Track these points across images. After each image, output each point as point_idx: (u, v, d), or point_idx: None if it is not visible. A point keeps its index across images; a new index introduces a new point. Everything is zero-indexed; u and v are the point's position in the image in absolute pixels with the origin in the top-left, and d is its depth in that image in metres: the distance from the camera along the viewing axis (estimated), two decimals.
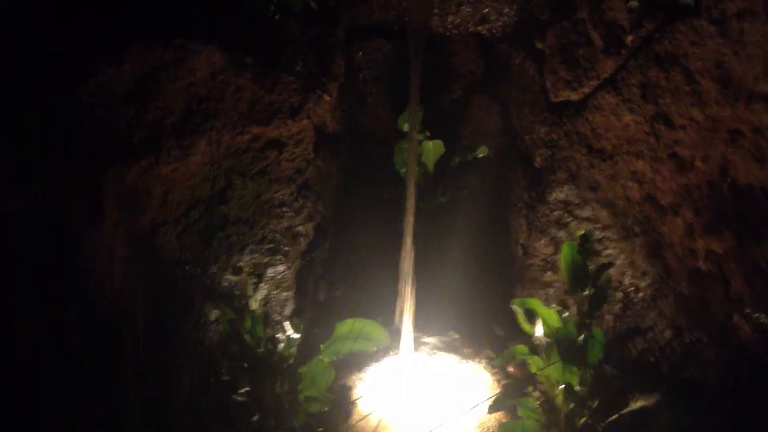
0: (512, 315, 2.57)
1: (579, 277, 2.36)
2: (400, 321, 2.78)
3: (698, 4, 2.36)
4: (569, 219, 2.85)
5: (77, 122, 2.19)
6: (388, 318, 3.01)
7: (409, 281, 2.75)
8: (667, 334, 2.59)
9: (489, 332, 3.07)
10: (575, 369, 2.33)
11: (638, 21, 2.53)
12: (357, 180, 3.28)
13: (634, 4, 2.49)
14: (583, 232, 2.36)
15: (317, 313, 3.04)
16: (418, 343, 2.99)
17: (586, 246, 2.35)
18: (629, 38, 2.56)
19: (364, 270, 3.20)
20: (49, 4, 2.15)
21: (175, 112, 2.41)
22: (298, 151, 2.76)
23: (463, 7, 3.09)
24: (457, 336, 3.07)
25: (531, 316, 2.44)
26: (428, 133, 3.13)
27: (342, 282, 3.21)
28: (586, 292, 2.36)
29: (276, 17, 2.63)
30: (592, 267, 2.39)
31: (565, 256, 2.37)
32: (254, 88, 2.58)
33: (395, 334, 2.81)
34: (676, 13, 2.42)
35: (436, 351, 3.01)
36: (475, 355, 2.97)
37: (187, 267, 2.45)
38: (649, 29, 2.50)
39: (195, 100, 2.46)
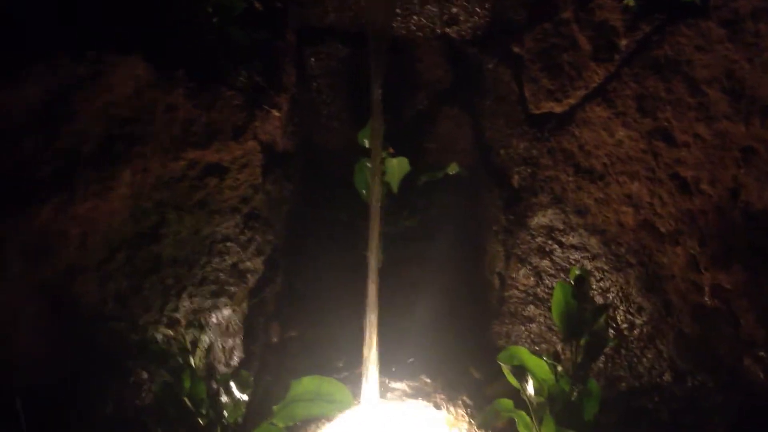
0: (489, 353, 2.30)
1: (574, 324, 2.03)
2: (365, 365, 2.45)
3: (705, 2, 2.05)
4: (554, 246, 2.52)
5: None
6: (350, 361, 2.69)
7: (374, 318, 2.42)
8: (667, 377, 2.28)
9: (465, 374, 2.73)
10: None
11: (634, 22, 2.21)
12: (313, 203, 2.92)
13: (629, 2, 2.16)
14: (578, 272, 2.03)
15: (270, 359, 2.67)
16: (384, 390, 2.65)
17: (582, 289, 2.02)
18: (623, 42, 2.25)
19: (322, 305, 2.84)
20: None
21: (91, 138, 2.01)
22: (243, 177, 2.38)
23: (429, 6, 2.73)
24: (428, 380, 2.72)
25: (520, 370, 2.10)
26: (391, 150, 2.77)
27: (297, 320, 2.84)
28: (583, 341, 2.04)
29: (213, 21, 2.24)
30: (587, 310, 2.07)
31: (557, 300, 2.03)
32: (189, 107, 2.18)
33: (359, 379, 2.48)
34: (679, 13, 2.11)
35: (405, 398, 2.67)
36: (450, 401, 2.63)
37: (111, 321, 2.06)
38: (647, 31, 2.19)
39: (116, 123, 2.05)
